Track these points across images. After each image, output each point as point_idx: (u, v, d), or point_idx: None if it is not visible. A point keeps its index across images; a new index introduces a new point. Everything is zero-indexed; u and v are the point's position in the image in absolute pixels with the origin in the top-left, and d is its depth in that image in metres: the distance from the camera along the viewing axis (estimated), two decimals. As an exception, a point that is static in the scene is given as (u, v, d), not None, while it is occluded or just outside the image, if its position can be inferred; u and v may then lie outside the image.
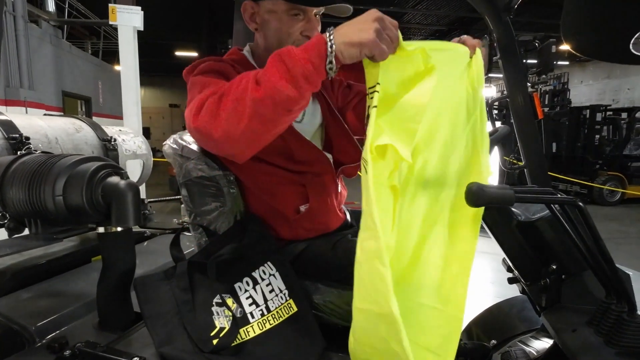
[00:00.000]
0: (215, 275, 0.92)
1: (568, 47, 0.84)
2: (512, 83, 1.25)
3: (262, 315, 0.91)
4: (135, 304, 0.95)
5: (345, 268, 1.03)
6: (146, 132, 16.18)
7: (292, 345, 0.89)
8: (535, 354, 1.12)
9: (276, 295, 0.93)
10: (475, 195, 0.72)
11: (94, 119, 1.99)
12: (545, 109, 9.08)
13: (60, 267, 1.26)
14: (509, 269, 1.10)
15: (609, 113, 8.85)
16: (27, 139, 1.25)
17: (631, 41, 0.70)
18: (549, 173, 1.35)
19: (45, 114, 1.68)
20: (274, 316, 0.91)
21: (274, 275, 0.95)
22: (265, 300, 0.92)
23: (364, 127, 0.72)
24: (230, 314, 0.89)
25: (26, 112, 5.94)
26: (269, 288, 0.93)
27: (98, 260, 1.33)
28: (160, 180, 7.36)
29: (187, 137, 1.07)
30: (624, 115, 8.81)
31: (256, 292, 0.93)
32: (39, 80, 6.68)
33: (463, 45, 0.84)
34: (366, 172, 0.69)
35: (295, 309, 0.92)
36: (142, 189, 3.19)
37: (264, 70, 0.73)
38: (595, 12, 0.75)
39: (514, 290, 1.22)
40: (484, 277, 3.73)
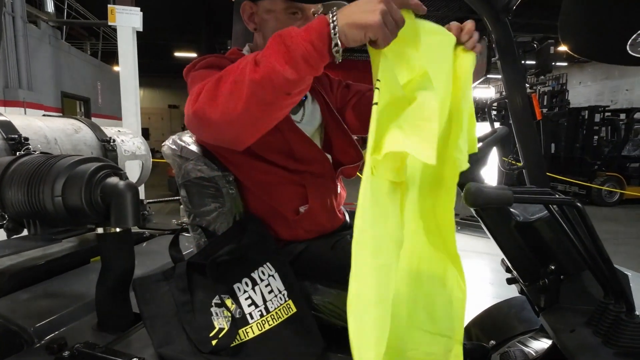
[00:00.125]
0: (214, 276, 0.92)
1: (566, 48, 0.84)
2: (511, 84, 1.25)
3: (261, 316, 0.91)
4: (134, 305, 0.95)
5: (344, 269, 1.02)
6: (145, 133, 16.13)
7: (292, 346, 0.89)
8: (534, 354, 1.12)
9: (275, 296, 0.93)
10: (473, 196, 0.72)
11: (93, 119, 1.99)
12: (544, 110, 9.09)
13: (59, 268, 1.25)
14: (508, 270, 1.11)
15: (607, 114, 8.87)
16: (26, 139, 1.25)
17: (628, 42, 0.70)
18: (548, 174, 1.35)
19: (44, 115, 1.68)
20: (273, 317, 0.91)
21: (273, 276, 0.95)
22: (265, 301, 0.92)
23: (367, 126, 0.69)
24: (229, 314, 0.89)
25: (25, 113, 5.94)
26: (268, 289, 0.93)
27: (97, 261, 1.33)
28: (159, 181, 7.35)
29: (186, 138, 1.07)
30: (623, 116, 8.83)
31: (255, 293, 0.93)
32: (38, 81, 6.68)
33: (451, 34, 0.81)
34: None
35: (295, 310, 0.92)
36: (141, 189, 3.18)
37: (264, 50, 0.70)
38: (592, 14, 0.75)
39: (513, 291, 1.22)
40: (483, 278, 3.73)
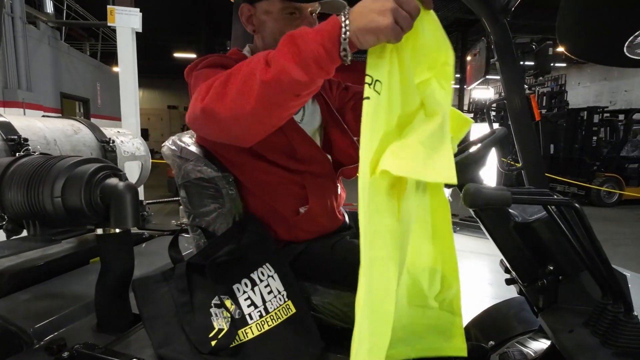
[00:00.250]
0: (213, 276, 0.92)
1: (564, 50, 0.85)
2: (510, 85, 1.26)
3: (261, 316, 0.91)
4: (133, 306, 0.95)
5: (343, 269, 1.03)
6: (144, 134, 16.13)
7: (291, 347, 0.89)
8: (532, 354, 1.12)
9: (275, 297, 0.93)
10: (472, 197, 0.72)
11: (92, 120, 1.99)
12: (543, 111, 9.11)
13: (58, 269, 1.25)
14: (507, 270, 1.11)
15: (606, 115, 8.90)
16: (26, 140, 1.25)
17: (625, 44, 0.71)
18: (547, 174, 1.35)
19: (43, 116, 1.68)
20: (272, 317, 0.91)
21: (272, 276, 0.95)
22: (264, 302, 0.92)
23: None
24: (228, 315, 0.89)
25: (24, 114, 5.93)
26: (268, 289, 0.93)
27: (96, 262, 1.34)
28: (159, 182, 7.34)
29: (186, 139, 1.07)
30: (621, 117, 8.85)
31: (255, 294, 0.93)
32: (37, 82, 6.68)
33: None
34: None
35: (294, 310, 0.92)
36: (141, 190, 3.18)
37: (275, 51, 0.69)
38: (589, 16, 0.76)
39: (512, 291, 1.23)
40: (482, 278, 3.73)
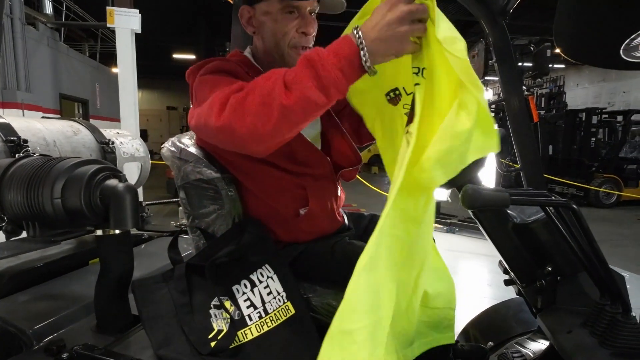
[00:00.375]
0: (213, 277, 0.92)
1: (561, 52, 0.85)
2: (508, 87, 1.26)
3: (260, 317, 0.91)
4: (133, 307, 0.95)
5: (343, 270, 1.03)
6: (143, 135, 16.14)
7: (290, 348, 0.89)
8: (531, 355, 1.12)
9: (274, 298, 0.93)
10: (471, 198, 0.73)
11: (91, 121, 1.99)
12: (542, 112, 9.11)
13: (57, 270, 1.25)
14: (505, 271, 1.11)
15: (604, 116, 8.92)
16: (25, 141, 1.25)
17: (622, 47, 0.71)
18: (546, 175, 1.36)
19: (42, 117, 1.68)
20: (271, 318, 0.91)
21: (272, 277, 0.95)
22: (263, 303, 0.92)
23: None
24: (228, 316, 0.89)
25: (23, 115, 5.93)
26: (267, 290, 0.94)
27: (96, 263, 1.34)
28: (158, 183, 7.34)
29: (186, 140, 1.07)
30: (620, 118, 8.87)
31: (254, 295, 0.93)
32: (36, 83, 6.68)
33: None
34: (408, 145, 0.68)
35: (293, 312, 0.92)
36: (140, 191, 3.18)
37: (293, 75, 0.72)
38: (586, 19, 0.76)
39: (511, 292, 1.23)
40: (481, 279, 3.74)
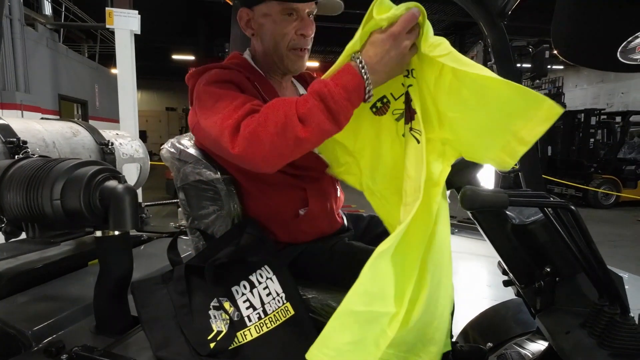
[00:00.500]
0: (212, 278, 0.92)
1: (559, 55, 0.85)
2: (507, 88, 1.26)
3: (259, 318, 0.91)
4: (132, 308, 0.95)
5: (342, 271, 1.03)
6: (142, 136, 16.09)
7: (289, 349, 0.90)
8: (530, 356, 1.13)
9: (273, 299, 0.93)
10: (470, 199, 0.73)
11: (90, 122, 1.99)
12: (541, 113, 9.11)
13: (57, 271, 1.25)
14: (504, 272, 1.11)
15: (603, 117, 8.93)
16: (25, 143, 1.25)
17: (618, 50, 0.72)
18: (545, 176, 1.36)
19: (41, 118, 1.68)
20: (271, 319, 0.91)
21: (271, 278, 0.95)
22: (263, 304, 0.92)
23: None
24: (227, 317, 0.89)
25: (22, 116, 5.93)
26: (266, 291, 0.94)
27: (95, 264, 1.33)
28: (157, 184, 7.34)
29: (185, 141, 1.07)
30: (618, 119, 8.89)
31: (253, 296, 0.93)
32: (35, 84, 6.67)
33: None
34: (419, 142, 0.78)
35: (292, 312, 0.92)
36: (139, 192, 3.18)
37: (306, 109, 0.77)
38: (583, 21, 0.77)
39: (510, 293, 1.23)
40: (480, 280, 3.74)
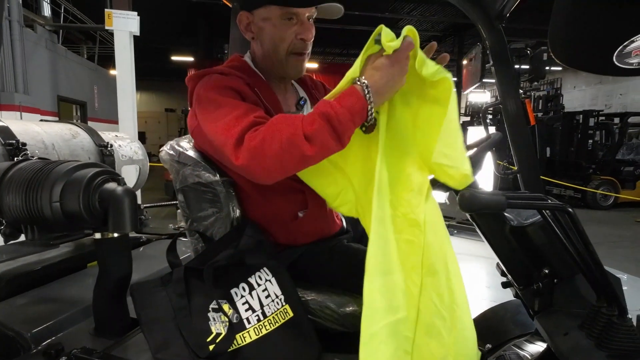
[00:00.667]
0: (211, 281, 0.92)
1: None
2: (505, 90, 1.27)
3: (259, 320, 0.91)
4: (131, 310, 0.95)
5: (341, 273, 1.03)
6: (142, 137, 16.06)
7: (288, 351, 0.90)
8: (529, 357, 1.13)
9: (272, 301, 0.93)
10: (468, 202, 0.73)
11: (89, 123, 1.99)
12: (539, 114, 9.15)
13: (56, 273, 1.25)
14: (503, 274, 1.12)
15: (601, 118, 8.95)
16: (24, 145, 1.25)
17: (614, 54, 0.72)
18: (543, 177, 1.37)
19: (41, 120, 1.69)
20: (270, 322, 0.91)
21: (270, 280, 0.95)
22: (262, 306, 0.92)
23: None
24: (226, 319, 0.89)
25: (21, 117, 5.92)
26: (265, 293, 0.94)
27: (94, 266, 1.33)
28: (156, 185, 7.33)
29: (184, 144, 1.07)
30: (617, 120, 8.91)
31: (252, 298, 0.93)
32: (34, 85, 6.66)
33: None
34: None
35: (291, 314, 0.93)
36: (138, 194, 3.18)
37: (313, 129, 0.79)
38: (580, 25, 0.77)
39: (509, 294, 1.23)
40: (480, 281, 3.73)
